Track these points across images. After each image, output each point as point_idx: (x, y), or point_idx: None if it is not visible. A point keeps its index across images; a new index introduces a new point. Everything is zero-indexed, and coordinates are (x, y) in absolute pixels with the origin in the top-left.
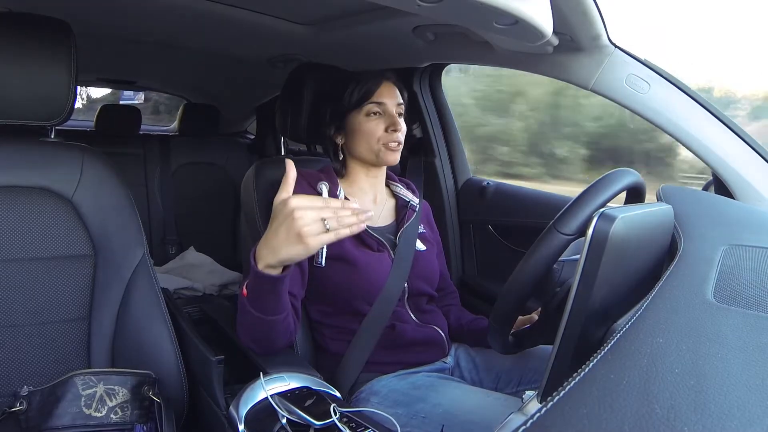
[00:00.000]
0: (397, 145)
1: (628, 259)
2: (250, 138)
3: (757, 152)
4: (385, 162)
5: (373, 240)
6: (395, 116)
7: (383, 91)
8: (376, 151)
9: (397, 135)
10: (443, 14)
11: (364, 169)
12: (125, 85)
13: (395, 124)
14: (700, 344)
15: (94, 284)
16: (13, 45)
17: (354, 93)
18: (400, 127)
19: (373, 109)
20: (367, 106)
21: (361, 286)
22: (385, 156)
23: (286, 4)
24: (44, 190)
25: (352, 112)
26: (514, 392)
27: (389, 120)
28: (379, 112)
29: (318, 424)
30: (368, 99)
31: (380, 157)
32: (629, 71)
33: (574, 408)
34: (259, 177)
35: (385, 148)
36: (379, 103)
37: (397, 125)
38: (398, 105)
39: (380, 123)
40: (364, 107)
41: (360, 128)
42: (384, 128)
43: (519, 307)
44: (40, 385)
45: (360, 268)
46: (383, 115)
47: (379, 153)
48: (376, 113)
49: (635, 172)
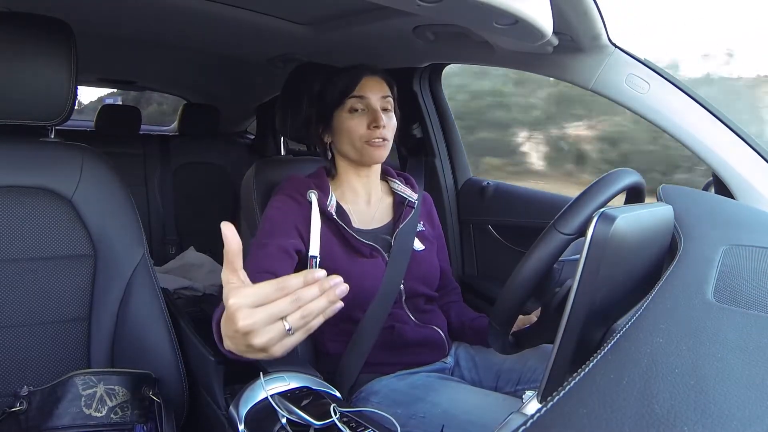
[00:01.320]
0: (381, 141)
1: (628, 259)
2: (250, 138)
3: (757, 152)
4: (370, 160)
5: (365, 246)
6: (377, 111)
7: (364, 85)
8: (359, 149)
9: (380, 131)
10: (443, 14)
11: (354, 169)
12: (125, 85)
13: (377, 119)
14: (700, 344)
15: (94, 284)
16: (13, 45)
17: (335, 88)
18: (383, 123)
19: (354, 104)
20: (349, 101)
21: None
22: (369, 154)
23: (286, 4)
24: (44, 190)
25: (336, 109)
26: (513, 392)
27: (371, 116)
28: (362, 108)
29: (318, 424)
30: (349, 94)
31: (364, 156)
32: (629, 71)
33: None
34: (259, 177)
35: (368, 145)
36: (360, 98)
37: (378, 121)
38: (383, 98)
39: (362, 120)
40: (347, 103)
41: (342, 126)
42: (366, 125)
43: (519, 307)
44: (40, 385)
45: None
46: (366, 111)
47: (362, 151)
48: (357, 109)
49: (635, 172)
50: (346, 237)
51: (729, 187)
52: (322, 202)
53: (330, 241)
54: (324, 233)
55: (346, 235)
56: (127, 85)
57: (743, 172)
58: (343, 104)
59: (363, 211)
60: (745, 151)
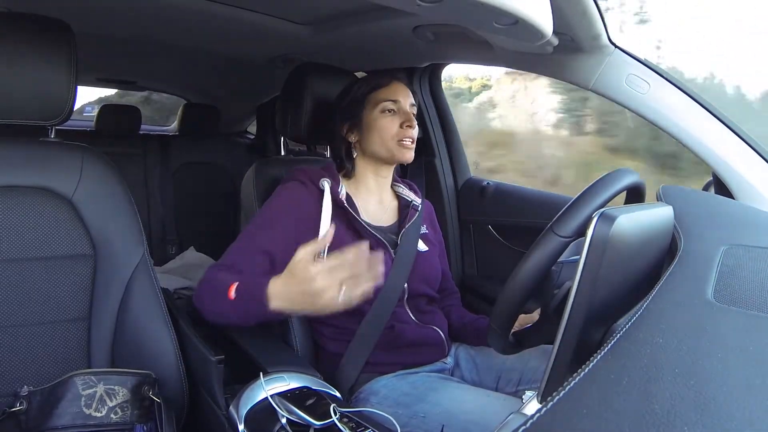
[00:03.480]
0: (411, 142)
1: (628, 259)
2: (250, 138)
3: (757, 152)
4: (399, 159)
5: (373, 238)
6: (410, 113)
7: (397, 89)
8: (390, 147)
9: (412, 131)
10: (443, 14)
11: (374, 169)
12: (125, 85)
13: (410, 120)
14: (700, 344)
15: (94, 284)
16: (13, 45)
17: (362, 85)
18: (415, 125)
19: (388, 106)
20: (383, 103)
21: None
22: (399, 153)
23: (286, 4)
24: (44, 190)
25: (366, 109)
26: (514, 392)
27: (404, 116)
28: (394, 110)
29: (318, 424)
30: (376, 90)
31: (394, 154)
32: (629, 71)
33: (574, 408)
34: (259, 177)
35: (399, 144)
36: (394, 101)
37: (412, 121)
38: (411, 105)
39: (395, 119)
40: (380, 104)
41: (375, 124)
42: (399, 124)
43: (518, 309)
44: (40, 385)
45: None
46: (397, 113)
47: (393, 150)
48: (390, 111)
49: (635, 172)
50: (355, 227)
51: (729, 187)
52: (334, 190)
53: (339, 230)
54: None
55: (356, 225)
56: (127, 85)
57: (743, 172)
58: (376, 105)
59: (373, 209)
60: (745, 151)
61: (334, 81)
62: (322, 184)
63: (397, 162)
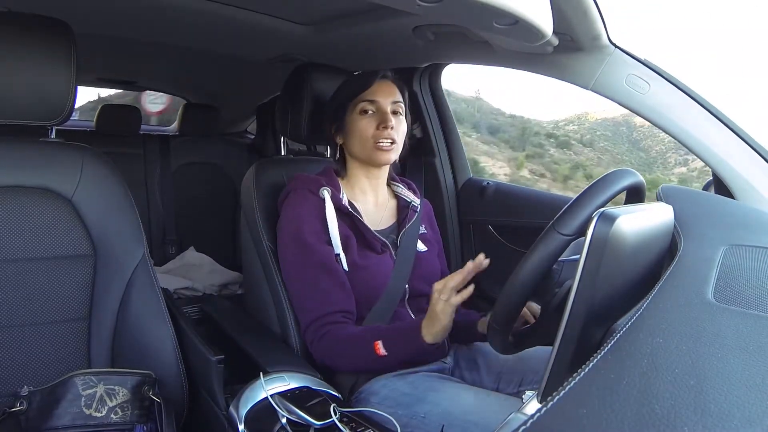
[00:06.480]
0: (389, 144)
1: (628, 259)
2: (250, 138)
3: (757, 152)
4: (378, 162)
5: (377, 242)
6: (387, 113)
7: (377, 88)
8: (367, 149)
9: (388, 132)
10: (443, 14)
11: (364, 170)
12: (125, 85)
13: (386, 120)
14: (700, 344)
15: (94, 284)
16: (13, 45)
17: (349, 89)
18: (391, 124)
19: (365, 107)
20: (361, 103)
21: (364, 289)
22: (375, 155)
23: (286, 4)
24: (44, 190)
25: (347, 110)
26: (514, 392)
27: (380, 117)
28: (371, 111)
29: (318, 424)
30: (359, 94)
31: (372, 157)
32: (629, 71)
33: (574, 408)
34: (259, 177)
35: (376, 147)
36: (371, 101)
37: (387, 122)
38: (394, 103)
39: (372, 121)
40: (358, 105)
41: (353, 126)
42: (375, 125)
43: (518, 308)
44: (40, 385)
45: (364, 273)
46: (375, 113)
47: (369, 152)
48: (368, 111)
49: (635, 172)
50: (361, 231)
51: (729, 187)
52: (335, 197)
53: (345, 233)
54: (339, 228)
55: (361, 228)
56: (127, 85)
57: (743, 172)
58: (355, 106)
59: (371, 211)
60: (745, 151)
61: (334, 81)
62: (322, 194)
63: (376, 165)
